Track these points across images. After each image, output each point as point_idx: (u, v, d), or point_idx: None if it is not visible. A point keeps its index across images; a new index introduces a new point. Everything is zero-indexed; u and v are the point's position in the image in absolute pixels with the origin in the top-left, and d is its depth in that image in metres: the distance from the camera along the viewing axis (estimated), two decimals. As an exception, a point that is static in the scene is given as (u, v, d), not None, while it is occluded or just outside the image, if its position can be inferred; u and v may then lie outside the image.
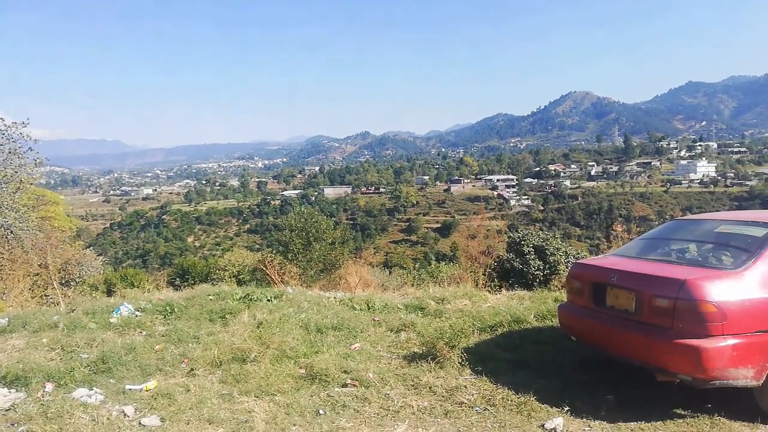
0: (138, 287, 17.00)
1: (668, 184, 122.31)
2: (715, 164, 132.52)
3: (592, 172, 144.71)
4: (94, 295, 14.49)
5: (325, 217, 18.03)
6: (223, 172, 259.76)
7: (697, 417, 4.00)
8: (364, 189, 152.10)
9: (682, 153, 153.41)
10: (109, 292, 16.21)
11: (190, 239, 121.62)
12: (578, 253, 12.73)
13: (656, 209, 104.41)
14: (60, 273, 13.95)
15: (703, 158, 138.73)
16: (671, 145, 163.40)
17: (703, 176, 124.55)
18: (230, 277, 18.60)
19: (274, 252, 17.04)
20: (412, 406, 4.23)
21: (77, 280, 15.77)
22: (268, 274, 11.68)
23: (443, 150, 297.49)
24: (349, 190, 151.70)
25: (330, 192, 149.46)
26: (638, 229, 12.89)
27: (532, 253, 12.03)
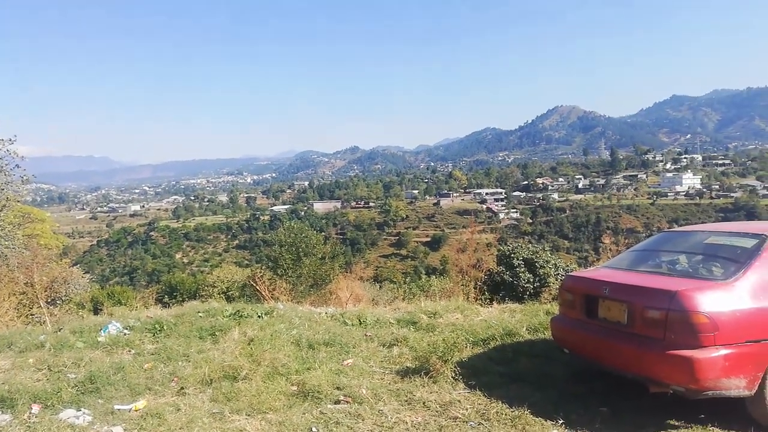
0: (125, 305, 16.79)
1: (655, 196, 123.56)
2: (701, 176, 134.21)
3: (580, 185, 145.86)
4: (80, 313, 14.28)
5: (314, 231, 17.97)
6: (212, 188, 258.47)
7: (691, 428, 4.00)
8: (353, 203, 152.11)
9: (668, 166, 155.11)
10: (96, 311, 15.99)
11: (178, 256, 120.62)
12: (567, 266, 12.79)
13: (643, 221, 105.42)
14: (46, 291, 13.75)
15: (689, 171, 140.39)
16: (657, 158, 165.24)
17: (688, 188, 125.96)
18: (219, 294, 18.43)
19: (263, 267, 16.93)
20: (406, 422, 4.19)
21: (63, 298, 15.54)
22: (258, 290, 11.60)
23: (432, 164, 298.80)
24: (338, 204, 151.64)
25: (319, 207, 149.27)
26: (626, 241, 12.98)
27: (522, 265, 12.07)
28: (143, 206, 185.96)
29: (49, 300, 14.46)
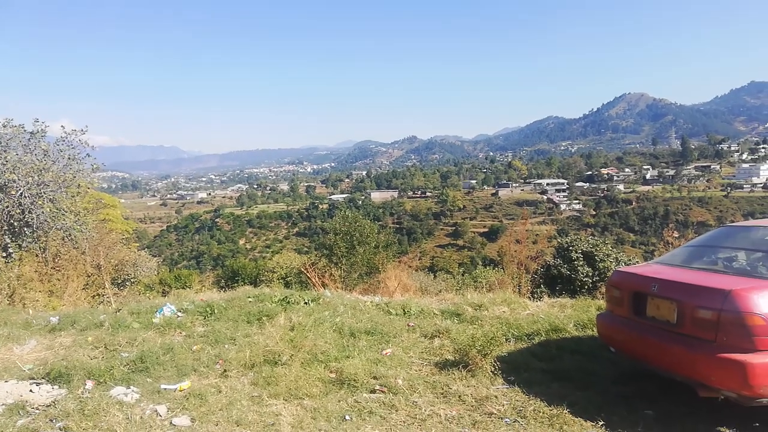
0: (190, 288, 17.56)
1: (729, 188, 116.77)
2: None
3: (647, 176, 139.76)
4: (148, 294, 15.00)
5: (368, 221, 18.09)
6: (274, 177, 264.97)
7: (743, 437, 3.75)
8: (410, 193, 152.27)
9: (744, 156, 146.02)
10: (164, 293, 16.76)
11: (241, 242, 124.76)
12: (629, 260, 12.27)
13: (716, 214, 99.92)
14: (114, 273, 14.55)
15: (767, 161, 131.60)
16: (732, 148, 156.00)
17: (766, 180, 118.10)
18: (278, 279, 18.97)
19: (319, 255, 17.23)
20: (440, 415, 4.15)
21: (132, 280, 16.40)
22: (309, 278, 11.81)
23: (491, 154, 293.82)
24: (395, 194, 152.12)
25: (377, 196, 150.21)
26: (695, 235, 12.27)
27: (581, 259, 11.69)
28: (209, 194, 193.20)
29: (118, 281, 15.31)
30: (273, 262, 23.46)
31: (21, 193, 10.97)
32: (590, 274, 11.50)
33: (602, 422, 3.97)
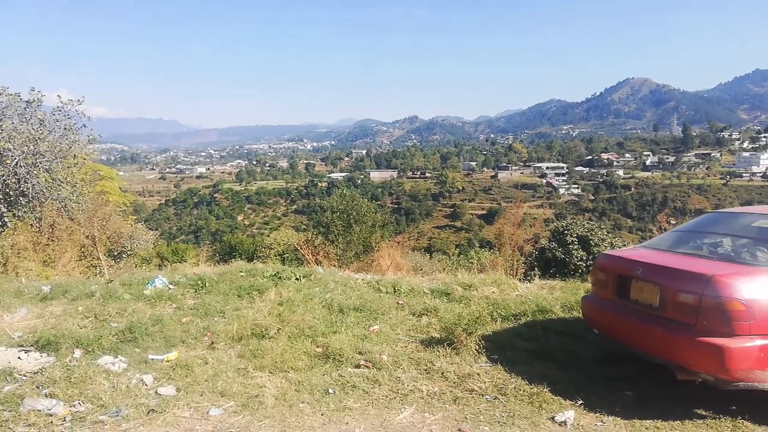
0: (187, 262, 17.63)
1: (728, 176, 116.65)
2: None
3: (647, 162, 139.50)
4: (145, 267, 15.03)
5: (366, 200, 18.10)
6: (273, 154, 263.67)
7: (719, 419, 3.80)
8: (410, 173, 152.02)
9: (745, 144, 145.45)
10: (161, 266, 16.81)
11: (240, 217, 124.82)
12: (624, 245, 12.33)
13: (714, 202, 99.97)
14: (109, 245, 14.58)
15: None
16: (733, 136, 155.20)
17: (766, 169, 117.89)
18: (275, 256, 19.05)
19: (316, 233, 17.29)
20: (422, 391, 4.21)
21: (128, 252, 16.42)
22: (303, 254, 11.87)
23: (492, 136, 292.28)
24: (395, 174, 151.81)
25: (376, 175, 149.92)
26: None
27: (576, 242, 11.73)
28: (209, 169, 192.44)
29: (114, 253, 15.34)
30: (270, 238, 23.55)
31: (17, 162, 10.94)
32: (584, 258, 11.54)
33: (581, 401, 4.03)
